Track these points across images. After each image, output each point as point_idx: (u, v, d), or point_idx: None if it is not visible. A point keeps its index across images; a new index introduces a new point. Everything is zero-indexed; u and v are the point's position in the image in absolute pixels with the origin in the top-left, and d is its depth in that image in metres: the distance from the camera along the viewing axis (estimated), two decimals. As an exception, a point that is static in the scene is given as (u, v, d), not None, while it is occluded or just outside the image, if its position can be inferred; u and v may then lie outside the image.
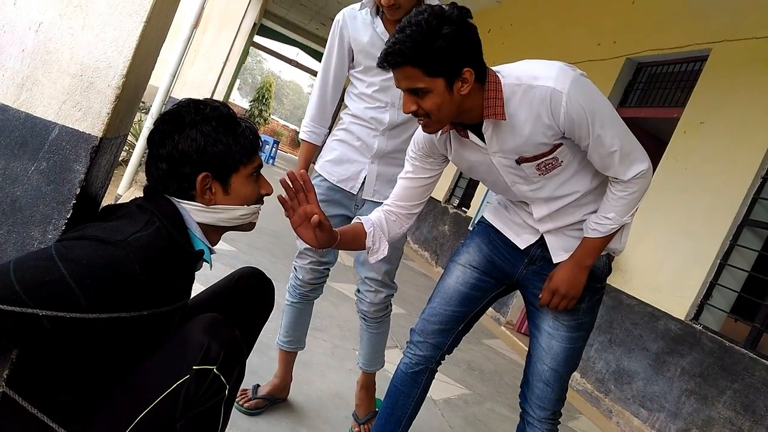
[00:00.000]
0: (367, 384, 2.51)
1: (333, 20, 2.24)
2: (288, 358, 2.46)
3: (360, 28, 2.18)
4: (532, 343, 1.83)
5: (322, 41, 17.84)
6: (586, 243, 1.68)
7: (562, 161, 1.62)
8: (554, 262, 1.76)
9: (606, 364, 4.31)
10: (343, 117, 2.30)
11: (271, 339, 2.66)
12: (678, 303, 3.94)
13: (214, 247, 1.37)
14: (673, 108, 4.78)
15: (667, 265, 4.15)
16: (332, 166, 2.28)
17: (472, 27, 1.46)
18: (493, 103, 1.53)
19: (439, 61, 1.42)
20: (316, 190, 1.92)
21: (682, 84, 4.84)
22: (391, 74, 1.50)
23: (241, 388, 1.70)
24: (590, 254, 1.68)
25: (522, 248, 1.81)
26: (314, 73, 17.22)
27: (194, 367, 1.14)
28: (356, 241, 1.75)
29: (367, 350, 2.46)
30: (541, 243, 1.79)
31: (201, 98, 1.33)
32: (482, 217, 1.98)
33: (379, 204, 1.95)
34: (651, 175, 1.63)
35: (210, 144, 1.25)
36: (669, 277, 4.10)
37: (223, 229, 1.37)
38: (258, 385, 2.39)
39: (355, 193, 2.25)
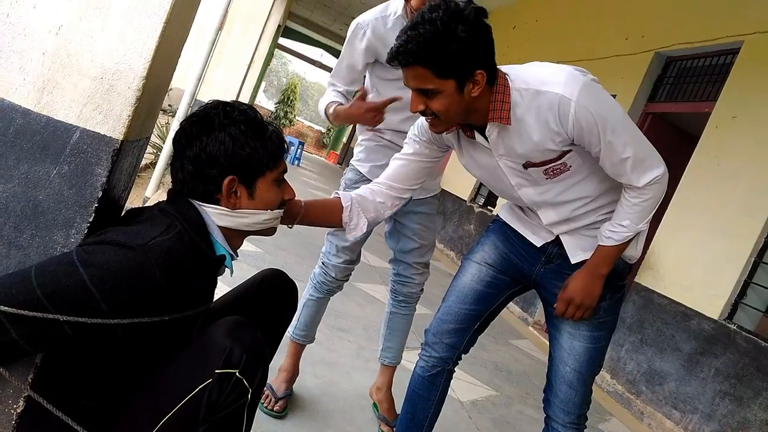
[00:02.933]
0: (390, 383, 2.54)
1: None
2: (299, 351, 2.47)
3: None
4: (552, 345, 1.79)
5: (346, 42, 17.83)
6: (600, 251, 1.64)
7: (570, 166, 1.58)
8: (572, 262, 1.72)
9: (637, 365, 4.22)
10: (376, 133, 2.28)
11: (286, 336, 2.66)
12: (711, 302, 3.85)
13: (236, 251, 1.36)
14: (704, 102, 4.67)
15: (700, 263, 4.05)
16: (377, 170, 2.19)
17: (487, 28, 1.43)
18: (499, 106, 1.50)
19: (452, 63, 1.39)
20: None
21: (713, 78, 4.73)
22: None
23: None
24: (605, 262, 1.64)
25: (538, 246, 1.77)
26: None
27: (216, 371, 1.12)
28: (327, 215, 1.68)
29: (398, 339, 2.51)
30: (558, 242, 1.75)
31: (228, 100, 1.32)
32: (498, 215, 1.94)
33: (426, 200, 2.00)
34: (666, 181, 1.57)
35: (238, 147, 1.24)
36: (701, 275, 4.00)
37: (246, 234, 1.35)
38: (270, 385, 2.33)
39: None
